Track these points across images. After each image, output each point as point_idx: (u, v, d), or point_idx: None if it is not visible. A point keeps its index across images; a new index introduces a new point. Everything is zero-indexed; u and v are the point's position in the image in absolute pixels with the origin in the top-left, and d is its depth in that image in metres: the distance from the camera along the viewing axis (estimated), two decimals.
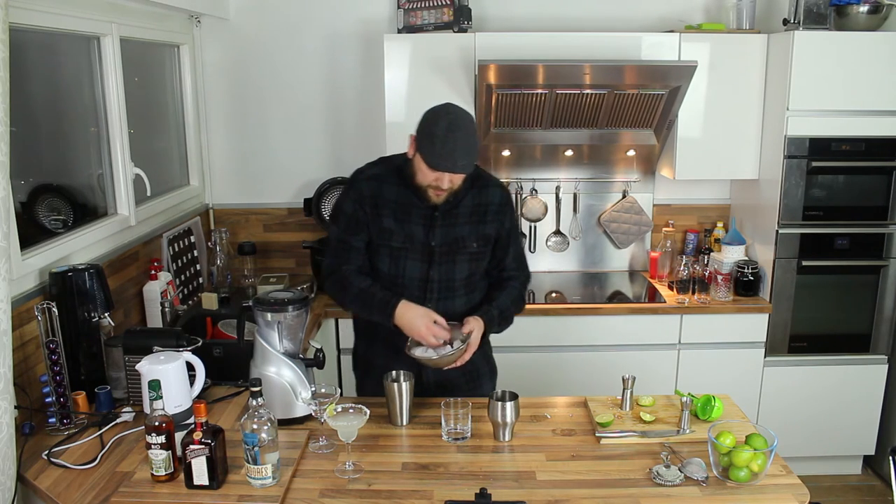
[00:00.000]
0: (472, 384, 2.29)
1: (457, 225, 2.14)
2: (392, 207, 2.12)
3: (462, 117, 1.97)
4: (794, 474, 1.79)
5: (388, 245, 2.14)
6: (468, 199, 2.14)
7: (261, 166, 3.62)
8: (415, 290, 2.15)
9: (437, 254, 2.13)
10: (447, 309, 2.15)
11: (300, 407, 2.00)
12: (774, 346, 3.28)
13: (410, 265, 2.14)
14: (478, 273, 2.21)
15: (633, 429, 1.98)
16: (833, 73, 3.03)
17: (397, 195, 2.12)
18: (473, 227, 2.15)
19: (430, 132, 1.95)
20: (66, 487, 1.74)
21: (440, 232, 2.12)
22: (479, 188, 2.17)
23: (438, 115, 1.97)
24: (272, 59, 3.51)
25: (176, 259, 3.12)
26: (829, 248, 3.20)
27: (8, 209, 1.74)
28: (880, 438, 3.40)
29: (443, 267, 2.14)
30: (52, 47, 2.52)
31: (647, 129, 3.38)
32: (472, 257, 2.17)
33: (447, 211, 2.12)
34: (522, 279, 2.29)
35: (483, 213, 2.16)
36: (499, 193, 2.20)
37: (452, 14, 3.20)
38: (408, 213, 2.12)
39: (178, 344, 2.11)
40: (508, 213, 2.21)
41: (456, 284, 2.17)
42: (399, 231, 2.12)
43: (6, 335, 1.73)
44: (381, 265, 2.16)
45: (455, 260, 2.15)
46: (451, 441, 1.95)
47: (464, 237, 2.14)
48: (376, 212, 2.13)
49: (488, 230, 2.17)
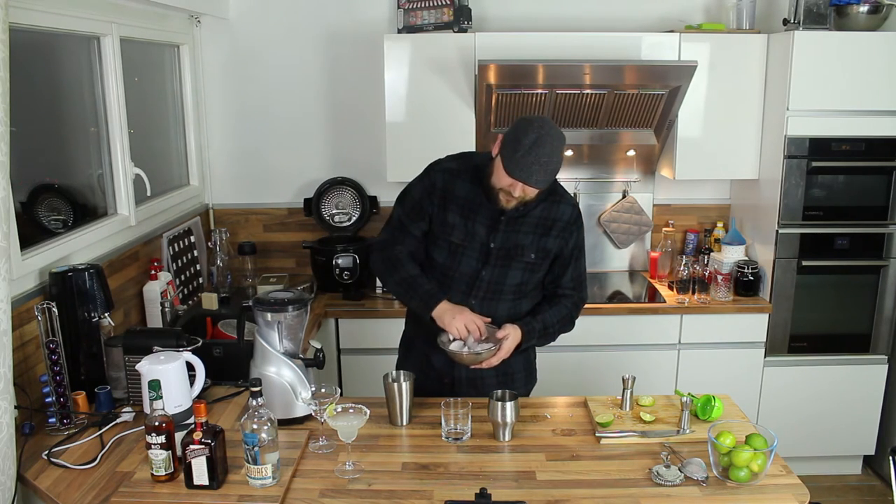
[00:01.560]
0: (503, 385, 2.24)
1: (520, 233, 2.13)
2: (460, 203, 2.13)
3: (553, 135, 1.95)
4: (794, 474, 1.79)
5: (448, 239, 2.15)
6: (537, 211, 2.13)
7: (261, 166, 3.62)
8: (462, 285, 2.16)
9: (494, 256, 2.13)
10: (490, 310, 2.16)
11: (300, 407, 2.00)
12: (774, 346, 3.28)
13: (465, 262, 2.14)
14: (530, 283, 2.19)
15: (633, 429, 1.98)
16: (833, 73, 3.03)
17: (468, 192, 2.13)
18: (536, 239, 2.14)
19: (517, 139, 1.93)
20: (66, 487, 1.74)
21: (502, 236, 2.12)
22: (552, 202, 2.15)
23: (531, 126, 1.95)
24: (272, 59, 3.51)
25: (176, 259, 3.12)
26: (829, 248, 3.20)
27: (8, 209, 1.74)
28: (880, 438, 3.40)
29: (496, 269, 2.14)
30: (52, 47, 2.52)
31: (647, 129, 3.38)
32: (528, 267, 2.15)
33: (514, 217, 2.11)
34: (576, 300, 2.26)
35: (549, 227, 2.14)
36: (569, 211, 2.17)
37: (452, 14, 3.19)
38: (474, 211, 2.12)
39: (178, 344, 2.11)
40: (576, 231, 2.19)
41: (504, 289, 2.16)
42: (462, 227, 2.13)
43: (6, 335, 1.73)
44: (438, 256, 2.17)
45: (510, 265, 2.14)
46: (451, 441, 1.95)
47: (524, 246, 2.13)
48: (444, 205, 2.14)
49: (550, 245, 2.15)
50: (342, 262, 3.32)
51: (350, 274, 3.32)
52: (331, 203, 3.55)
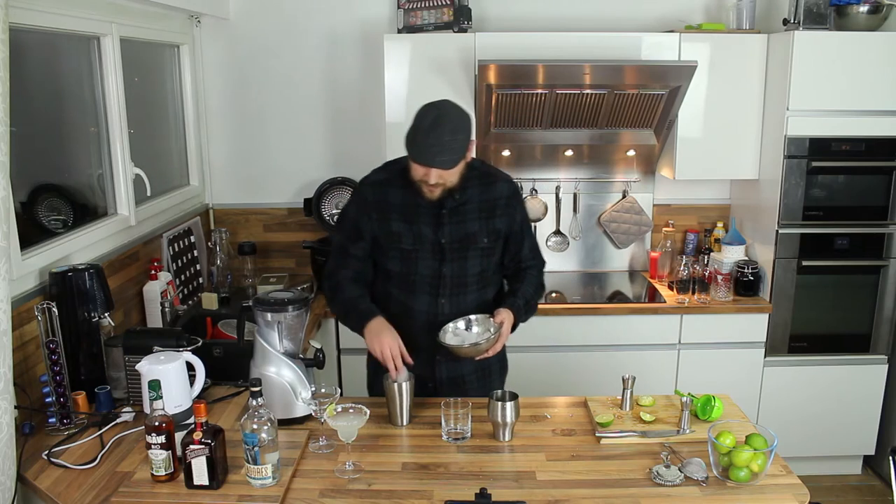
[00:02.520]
0: (483, 381, 2.29)
1: (466, 221, 2.14)
2: (399, 210, 2.14)
3: (450, 113, 1.98)
4: (794, 474, 1.79)
5: (398, 247, 2.15)
6: (476, 196, 2.15)
7: (261, 166, 3.62)
8: (426, 287, 2.16)
9: (448, 251, 2.14)
10: (459, 304, 2.17)
11: (300, 407, 2.00)
12: (774, 346, 3.28)
13: (422, 264, 2.15)
14: (489, 268, 2.22)
15: (633, 429, 1.98)
16: (833, 73, 3.03)
17: (403, 197, 2.13)
18: (483, 223, 2.15)
19: (417, 125, 1.97)
20: (66, 487, 1.74)
21: (449, 229, 2.13)
22: (487, 184, 2.17)
23: (429, 109, 1.98)
24: (272, 59, 3.51)
25: (176, 259, 3.12)
26: (829, 248, 3.20)
27: (8, 209, 1.74)
28: (880, 438, 3.40)
29: (454, 263, 2.15)
30: (52, 47, 2.52)
31: (647, 129, 3.38)
32: (483, 253, 2.17)
33: (455, 208, 2.12)
34: (540, 267, 2.31)
35: (492, 208, 2.16)
36: (507, 187, 2.20)
37: (452, 14, 3.19)
38: (415, 213, 2.13)
39: (178, 344, 2.11)
40: (518, 206, 2.22)
41: (468, 280, 2.17)
42: (408, 232, 2.13)
43: (6, 335, 1.73)
44: (393, 266, 2.17)
45: (466, 256, 2.15)
46: (451, 441, 1.95)
47: (474, 233, 2.15)
48: (383, 216, 2.15)
49: (498, 225, 2.17)
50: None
51: None
52: (331, 203, 3.55)
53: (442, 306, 2.16)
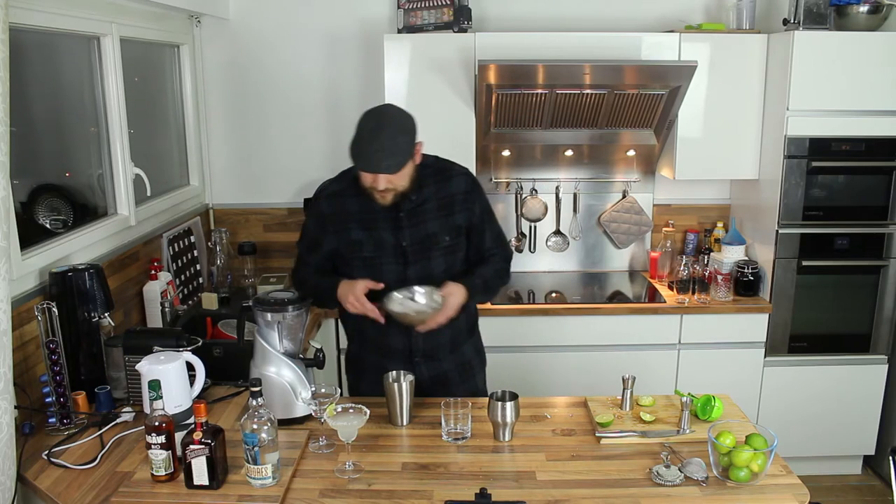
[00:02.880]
0: (465, 376, 2.30)
1: (426, 221, 2.12)
2: (357, 218, 2.12)
3: (391, 117, 1.96)
4: (794, 474, 1.79)
5: (359, 256, 2.13)
6: (432, 194, 2.12)
7: (261, 166, 3.62)
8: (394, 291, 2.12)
9: (411, 253, 2.12)
10: None
11: (300, 407, 2.00)
12: (774, 346, 3.28)
13: (386, 270, 2.13)
14: (455, 265, 2.19)
15: (633, 429, 1.98)
16: (833, 73, 3.03)
17: (360, 205, 2.11)
18: (443, 221, 2.13)
19: (359, 133, 1.95)
20: (66, 487, 1.74)
21: (409, 232, 2.11)
22: (443, 180, 2.14)
23: (369, 116, 1.97)
24: (272, 59, 3.51)
25: (176, 259, 3.12)
26: (829, 248, 3.20)
27: (8, 209, 1.74)
28: (880, 438, 3.40)
29: (418, 265, 2.13)
30: (52, 47, 2.52)
31: (647, 129, 3.38)
32: (446, 251, 2.15)
33: (412, 210, 2.10)
34: (506, 255, 2.29)
35: (450, 204, 2.14)
36: (463, 181, 2.17)
37: (452, 14, 3.19)
38: (373, 220, 2.11)
39: (178, 344, 2.11)
40: (476, 198, 2.19)
41: (435, 280, 2.13)
42: (368, 240, 2.12)
43: (6, 335, 1.73)
44: (358, 275, 2.13)
45: (430, 257, 2.14)
46: (451, 441, 1.95)
47: (434, 233, 2.13)
48: (342, 227, 2.14)
49: (458, 220, 2.15)
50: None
51: None
52: None
53: None
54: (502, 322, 3.14)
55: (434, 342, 2.21)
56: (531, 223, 3.65)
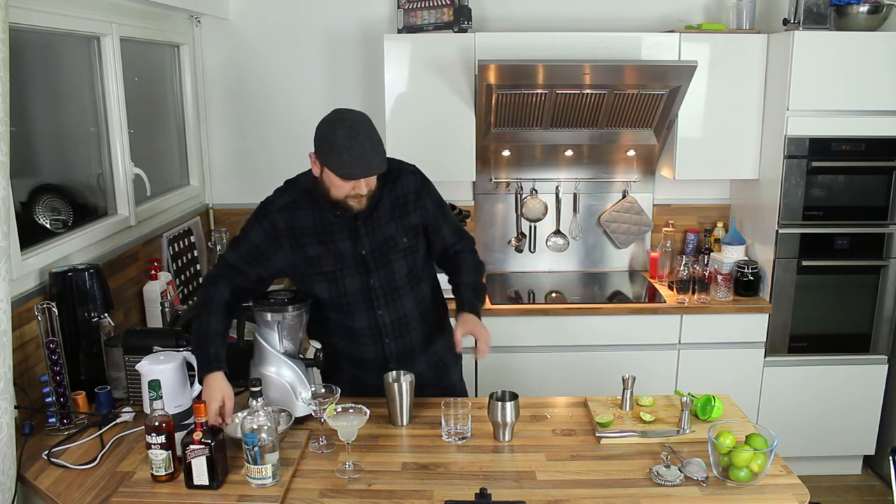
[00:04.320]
0: (439, 374, 2.27)
1: (382, 226, 2.07)
2: (312, 233, 2.05)
3: (358, 119, 1.90)
4: (794, 474, 1.79)
5: (320, 271, 2.06)
6: (385, 197, 2.06)
7: (261, 166, 3.62)
8: (360, 303, 2.09)
9: (371, 260, 2.07)
10: (397, 312, 2.12)
11: (300, 407, 2.00)
12: (774, 346, 3.28)
13: (349, 282, 2.07)
14: (417, 265, 2.15)
15: (633, 429, 1.98)
16: (833, 73, 3.03)
17: (313, 218, 2.04)
18: (399, 223, 2.08)
19: (332, 144, 1.86)
20: (66, 487, 1.74)
21: (367, 239, 2.06)
22: (393, 181, 2.08)
23: (335, 125, 1.89)
24: (272, 59, 3.51)
25: (176, 259, 3.12)
26: (829, 248, 3.20)
27: (8, 209, 1.74)
28: (880, 438, 3.40)
29: (381, 272, 2.08)
30: (52, 47, 2.52)
31: (647, 129, 3.38)
32: (406, 252, 2.10)
33: (367, 216, 2.04)
34: (469, 247, 2.26)
35: (403, 204, 2.09)
36: (413, 181, 2.11)
37: (452, 14, 3.19)
38: (329, 232, 2.04)
39: (178, 344, 2.11)
40: (428, 195, 2.13)
41: (399, 285, 2.11)
42: (326, 254, 2.05)
43: (6, 335, 1.73)
44: (321, 292, 2.08)
45: (390, 261, 2.08)
46: (452, 441, 1.94)
47: (392, 236, 2.07)
48: (297, 242, 2.05)
49: (413, 220, 2.10)
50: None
51: None
52: None
53: (381, 317, 2.11)
54: (502, 322, 3.14)
55: (407, 345, 2.17)
56: (531, 223, 3.65)
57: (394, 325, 2.13)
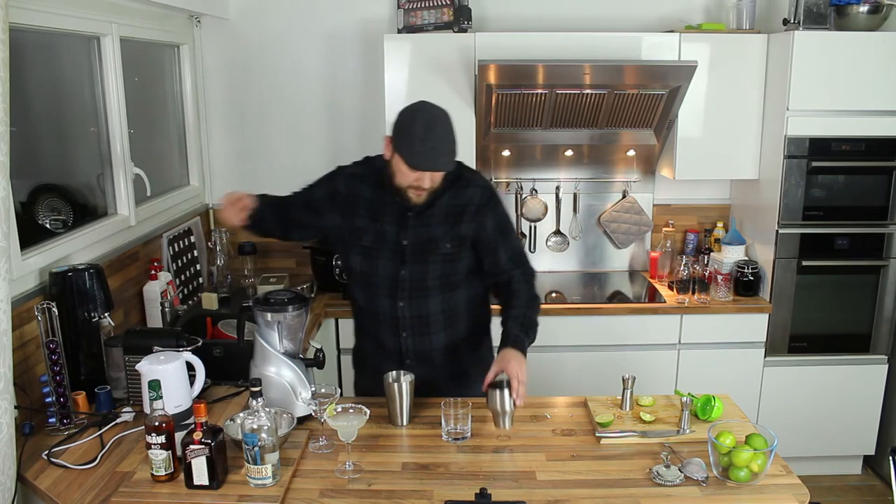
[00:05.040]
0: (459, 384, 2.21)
1: (430, 225, 2.08)
2: (366, 206, 2.11)
3: (439, 115, 1.94)
4: (794, 474, 1.79)
5: (360, 244, 2.12)
6: (445, 199, 2.08)
7: (261, 166, 3.62)
8: (386, 288, 2.12)
9: (409, 253, 2.09)
10: (419, 309, 2.13)
11: (300, 407, 1.99)
12: (774, 346, 3.28)
13: (382, 264, 2.11)
14: (456, 273, 2.13)
15: (633, 429, 1.98)
16: (833, 73, 3.03)
17: (372, 194, 2.11)
18: (448, 228, 2.09)
19: (409, 132, 1.91)
20: (66, 487, 1.74)
21: (412, 232, 2.08)
22: (459, 188, 2.10)
23: (415, 115, 1.93)
24: (272, 59, 3.51)
25: (176, 259, 3.12)
26: (829, 248, 3.20)
27: (8, 209, 1.74)
28: (880, 438, 3.40)
29: (414, 266, 2.09)
30: (52, 47, 2.52)
31: (647, 129, 3.38)
32: (446, 258, 2.10)
33: (421, 212, 2.07)
34: (525, 277, 2.16)
35: (460, 213, 2.09)
36: (479, 193, 2.11)
37: (452, 14, 3.20)
38: (381, 212, 2.10)
39: (178, 344, 2.11)
40: (490, 212, 2.12)
41: (428, 284, 2.11)
42: (370, 229, 2.10)
43: (6, 335, 1.73)
44: (354, 263, 2.15)
45: (427, 260, 2.09)
46: (451, 441, 1.94)
47: (437, 238, 2.08)
48: (349, 210, 2.13)
49: (464, 231, 2.09)
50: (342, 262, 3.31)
51: None
52: None
53: (401, 309, 2.13)
54: None
55: (426, 345, 2.17)
56: (531, 223, 3.65)
57: (412, 321, 2.14)
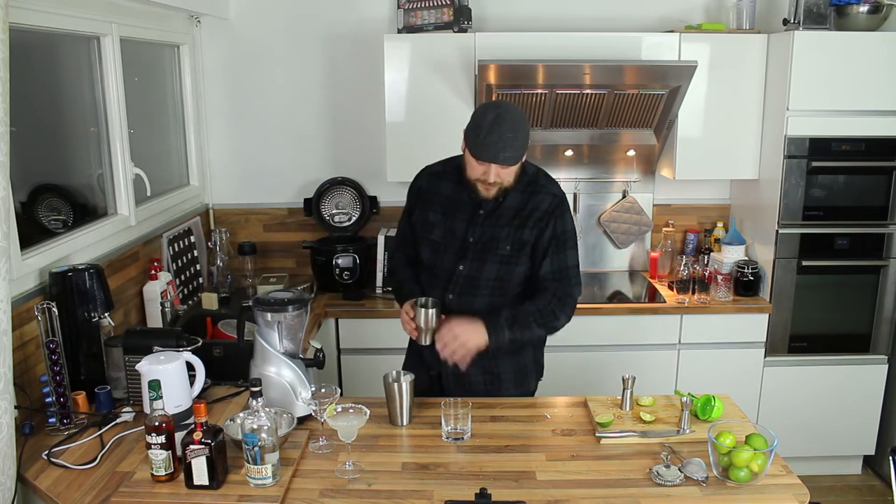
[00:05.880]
0: (490, 384, 2.25)
1: (497, 226, 2.14)
2: (442, 202, 2.20)
3: (510, 111, 2.00)
4: (794, 474, 1.79)
5: (429, 238, 2.22)
6: (515, 202, 2.14)
7: (261, 166, 3.62)
8: (442, 281, 2.20)
9: (471, 251, 2.16)
10: (466, 304, 2.17)
11: (300, 407, 1.99)
12: (774, 346, 3.28)
13: (447, 258, 2.19)
14: (509, 278, 2.16)
15: (633, 429, 1.98)
16: (833, 73, 3.03)
17: (451, 191, 2.20)
18: (512, 231, 2.14)
19: (477, 124, 1.99)
20: (66, 487, 1.74)
21: (480, 230, 2.15)
22: (531, 193, 2.15)
23: (487, 108, 2.02)
24: (272, 59, 3.51)
25: (176, 259, 3.12)
26: (829, 248, 3.20)
27: (8, 209, 1.74)
28: (880, 438, 3.40)
29: (473, 263, 2.16)
30: (52, 47, 2.52)
31: (647, 129, 3.38)
32: (504, 260, 2.14)
33: (491, 211, 2.14)
34: (559, 293, 2.15)
35: (526, 217, 2.14)
36: (548, 201, 2.15)
37: (452, 14, 3.19)
38: (455, 208, 2.18)
39: (178, 344, 2.11)
40: (553, 221, 2.14)
41: (481, 283, 2.16)
42: (441, 225, 2.19)
43: (6, 335, 1.73)
44: (423, 255, 2.25)
45: (486, 259, 2.15)
46: (452, 441, 1.94)
47: (500, 238, 2.14)
48: (426, 205, 2.23)
49: (526, 236, 2.13)
50: (342, 262, 3.32)
51: (350, 274, 3.33)
52: (331, 203, 3.55)
53: (450, 301, 2.17)
54: None
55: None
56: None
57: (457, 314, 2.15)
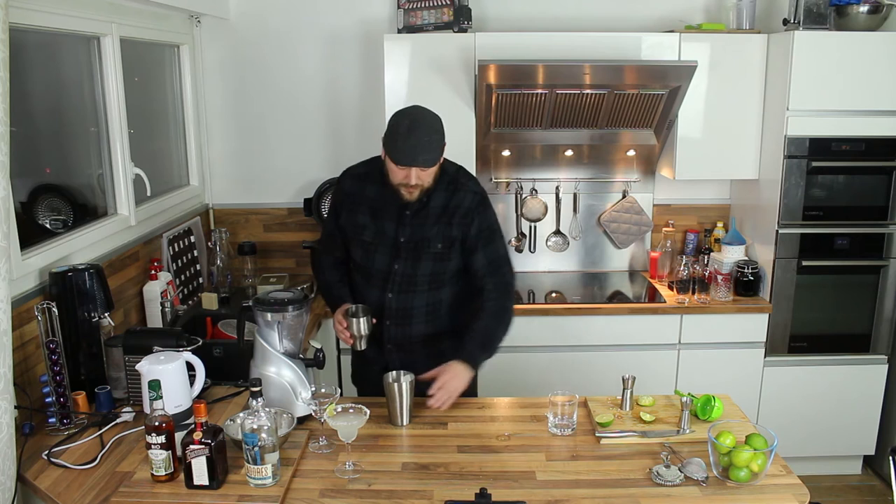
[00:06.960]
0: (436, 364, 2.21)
1: (425, 225, 2.21)
2: (369, 204, 2.25)
3: (424, 115, 2.09)
4: (794, 474, 1.79)
5: (360, 238, 2.26)
6: (440, 201, 2.21)
7: (261, 166, 3.62)
8: (378, 280, 2.25)
9: (404, 250, 2.22)
10: (405, 302, 2.25)
11: (300, 407, 2.00)
12: (774, 346, 3.28)
13: (379, 258, 2.24)
14: (444, 272, 2.25)
15: (633, 429, 1.98)
16: (833, 73, 3.03)
17: (376, 193, 2.24)
18: (440, 228, 2.21)
19: (395, 131, 2.06)
20: (66, 487, 1.74)
21: (409, 230, 2.21)
22: (453, 191, 2.23)
23: (403, 115, 2.09)
24: (272, 59, 3.51)
25: (176, 259, 3.12)
26: (829, 248, 3.20)
27: (8, 209, 1.74)
28: (880, 438, 3.40)
29: (407, 262, 2.22)
30: (52, 47, 2.52)
31: (647, 129, 3.38)
32: (436, 257, 2.22)
33: (417, 211, 2.20)
34: (496, 286, 2.24)
35: (451, 215, 2.22)
36: (470, 198, 2.23)
37: (452, 14, 3.19)
38: (382, 210, 2.23)
39: (178, 344, 2.11)
40: (478, 217, 2.23)
41: (418, 280, 2.23)
42: (371, 226, 2.24)
43: (6, 335, 1.73)
44: (355, 255, 2.30)
45: (419, 257, 2.22)
46: None
47: (430, 237, 2.21)
48: (353, 207, 2.27)
49: (454, 232, 2.22)
50: None
51: None
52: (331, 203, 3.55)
53: (389, 300, 2.24)
54: None
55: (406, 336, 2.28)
56: (531, 223, 3.65)
57: (397, 312, 2.25)
